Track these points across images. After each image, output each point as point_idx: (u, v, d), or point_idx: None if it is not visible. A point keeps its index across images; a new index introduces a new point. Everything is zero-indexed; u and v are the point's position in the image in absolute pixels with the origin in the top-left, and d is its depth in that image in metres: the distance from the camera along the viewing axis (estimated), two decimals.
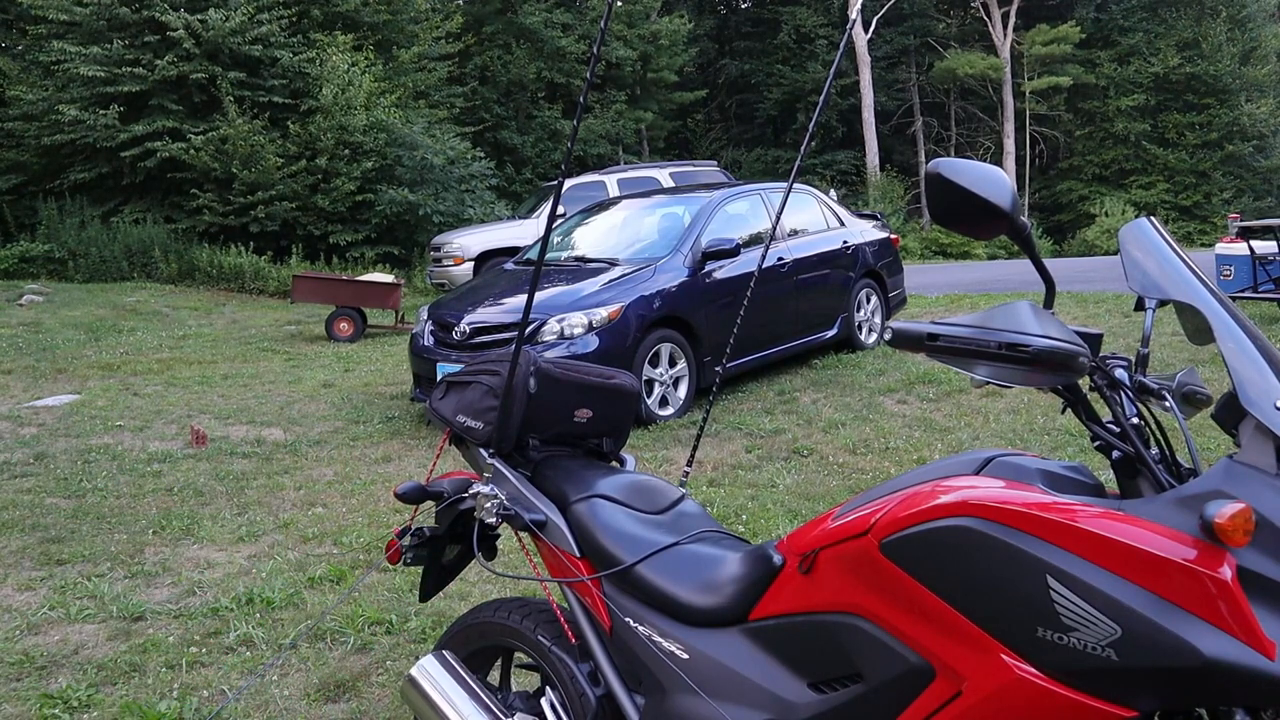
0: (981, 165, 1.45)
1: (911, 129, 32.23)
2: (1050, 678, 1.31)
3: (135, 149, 15.23)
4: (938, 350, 1.39)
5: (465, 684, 2.10)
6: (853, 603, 1.53)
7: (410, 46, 18.89)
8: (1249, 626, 1.20)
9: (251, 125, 15.40)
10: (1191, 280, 1.44)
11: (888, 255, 8.76)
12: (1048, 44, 28.91)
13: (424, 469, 5.57)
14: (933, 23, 32.24)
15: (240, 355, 9.88)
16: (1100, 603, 1.26)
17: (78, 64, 15.00)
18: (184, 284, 14.83)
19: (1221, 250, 9.16)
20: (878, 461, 5.36)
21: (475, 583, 3.83)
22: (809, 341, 7.70)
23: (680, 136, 31.89)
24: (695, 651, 1.78)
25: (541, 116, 24.64)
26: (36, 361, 9.21)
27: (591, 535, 1.97)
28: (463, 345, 6.40)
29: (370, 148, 15.99)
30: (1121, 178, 30.22)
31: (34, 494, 5.28)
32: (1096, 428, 1.46)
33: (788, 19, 31.03)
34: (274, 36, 15.99)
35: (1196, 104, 29.53)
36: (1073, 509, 1.32)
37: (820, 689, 1.62)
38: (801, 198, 8.25)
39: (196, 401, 7.62)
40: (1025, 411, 6.06)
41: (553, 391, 2.17)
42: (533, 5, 24.99)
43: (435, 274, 13.29)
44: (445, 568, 2.34)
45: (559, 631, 2.05)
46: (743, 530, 4.31)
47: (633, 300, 6.38)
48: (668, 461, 5.56)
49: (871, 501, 1.54)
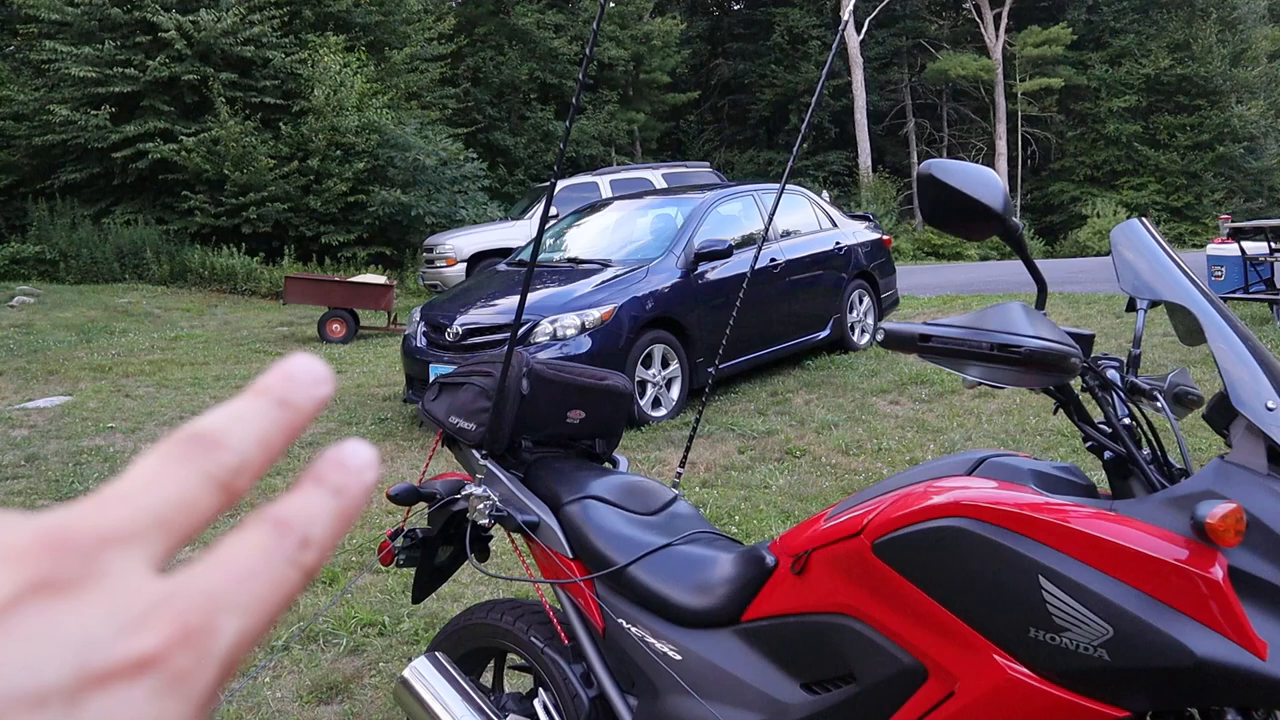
0: (973, 166, 1.45)
1: (904, 130, 32.30)
2: (1042, 678, 1.31)
3: (127, 150, 15.17)
4: (930, 351, 1.40)
5: (458, 685, 2.09)
6: (845, 603, 1.53)
7: (402, 47, 18.86)
8: (1240, 626, 1.20)
9: (243, 126, 15.36)
10: (1183, 281, 1.44)
11: (880, 256, 8.77)
12: (1039, 45, 28.99)
13: (417, 470, 5.56)
14: (925, 24, 32.31)
15: (232, 357, 9.85)
16: (1092, 603, 1.26)
17: (69, 64, 14.94)
18: (176, 285, 14.78)
19: (1213, 251, 9.18)
20: (870, 462, 5.36)
21: (468, 584, 3.82)
22: (802, 342, 7.71)
23: (673, 138, 31.91)
24: (688, 652, 1.78)
25: (534, 118, 24.63)
26: (28, 363, 9.18)
27: (584, 536, 1.97)
28: (455, 346, 6.39)
29: (362, 149, 15.95)
30: (1113, 179, 30.31)
31: (25, 496, 5.25)
32: (1088, 428, 1.46)
33: (780, 20, 31.06)
34: (266, 37, 15.94)
35: (1188, 105, 29.64)
36: (1065, 509, 1.32)
37: (813, 690, 1.62)
38: (794, 199, 8.26)
39: (189, 403, 7.60)
40: (1017, 412, 6.07)
41: (545, 393, 2.17)
42: (525, 6, 24.98)
43: (428, 275, 13.28)
44: (438, 569, 2.34)
45: (552, 633, 2.05)
46: (735, 531, 4.31)
47: (625, 301, 6.38)
48: (660, 462, 5.56)
49: (864, 502, 1.54)
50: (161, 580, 0.24)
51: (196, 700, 0.23)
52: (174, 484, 0.26)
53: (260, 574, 0.26)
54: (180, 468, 0.26)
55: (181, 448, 0.27)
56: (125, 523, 0.25)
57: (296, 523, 0.27)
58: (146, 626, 0.23)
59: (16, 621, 0.22)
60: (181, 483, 0.26)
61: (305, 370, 0.29)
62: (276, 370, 0.29)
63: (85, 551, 0.24)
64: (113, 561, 0.24)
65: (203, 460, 0.26)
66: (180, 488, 0.26)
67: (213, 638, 0.24)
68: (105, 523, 0.25)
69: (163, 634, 0.23)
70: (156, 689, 0.22)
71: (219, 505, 0.26)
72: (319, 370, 0.30)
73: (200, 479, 0.26)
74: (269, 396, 0.28)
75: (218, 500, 0.26)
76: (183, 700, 0.23)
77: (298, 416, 0.29)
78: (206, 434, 0.27)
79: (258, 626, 0.25)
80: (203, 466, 0.26)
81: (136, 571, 0.24)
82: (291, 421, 0.28)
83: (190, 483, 0.26)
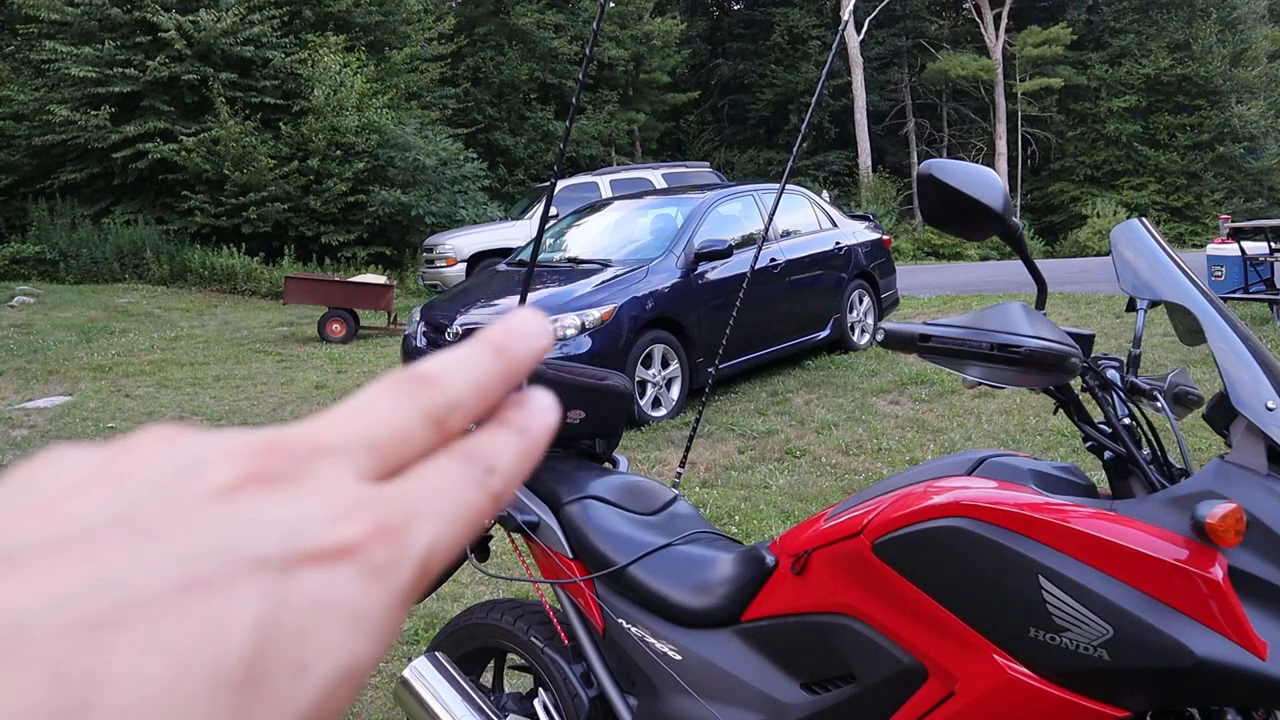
0: (973, 166, 1.45)
1: (904, 130, 32.29)
2: (1042, 678, 1.31)
3: (127, 150, 15.16)
4: (930, 351, 1.40)
5: (458, 685, 2.09)
6: (845, 603, 1.53)
7: (402, 47, 18.85)
8: (1240, 626, 1.20)
9: (243, 126, 15.35)
10: (1183, 281, 1.44)
11: (880, 256, 8.77)
12: (1039, 45, 28.99)
13: None
14: (925, 24, 32.30)
15: (232, 357, 9.85)
16: (1092, 603, 1.26)
17: (69, 64, 14.93)
18: (176, 285, 14.78)
19: (1213, 251, 9.18)
20: (870, 462, 5.36)
21: (468, 584, 3.82)
22: (802, 342, 7.70)
23: (673, 138, 31.90)
24: (688, 652, 1.78)
25: (534, 118, 24.62)
26: (28, 363, 9.17)
27: (584, 536, 1.97)
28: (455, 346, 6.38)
29: (362, 149, 15.95)
30: (1113, 179, 30.31)
31: None
32: (1088, 428, 1.46)
33: (780, 20, 31.06)
34: (266, 37, 15.94)
35: (1187, 105, 29.63)
36: (1065, 509, 1.32)
37: (813, 690, 1.62)
38: (794, 199, 8.26)
39: (189, 403, 7.60)
40: (1017, 412, 6.07)
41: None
42: (525, 6, 24.97)
43: (428, 275, 13.28)
44: None
45: (552, 633, 2.05)
46: (735, 531, 4.31)
47: (625, 301, 6.38)
48: (660, 462, 5.56)
49: (864, 502, 1.54)
50: (365, 486, 0.26)
51: (395, 594, 0.25)
52: (387, 412, 0.28)
53: (450, 491, 0.28)
54: (395, 400, 0.28)
55: (399, 384, 0.29)
56: (337, 438, 0.27)
57: (483, 453, 0.29)
58: (349, 520, 0.25)
59: (235, 502, 0.24)
60: (394, 411, 0.28)
61: (526, 324, 0.32)
62: (499, 324, 0.32)
63: (298, 455, 0.26)
64: (321, 466, 0.26)
65: (419, 396, 0.28)
66: (393, 415, 0.28)
67: (407, 539, 0.26)
68: (317, 436, 0.27)
69: (363, 528, 0.25)
70: (360, 574, 0.24)
71: (432, 439, 0.28)
72: (540, 324, 0.32)
73: (414, 411, 0.28)
74: (488, 345, 0.31)
75: (431, 434, 0.28)
76: (383, 591, 0.25)
77: (515, 364, 0.31)
78: (424, 374, 0.29)
79: (449, 537, 0.27)
80: (418, 401, 0.28)
81: (344, 477, 0.26)
82: (508, 368, 0.31)
83: (403, 412, 0.28)
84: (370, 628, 0.25)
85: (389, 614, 0.25)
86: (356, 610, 0.24)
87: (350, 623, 0.24)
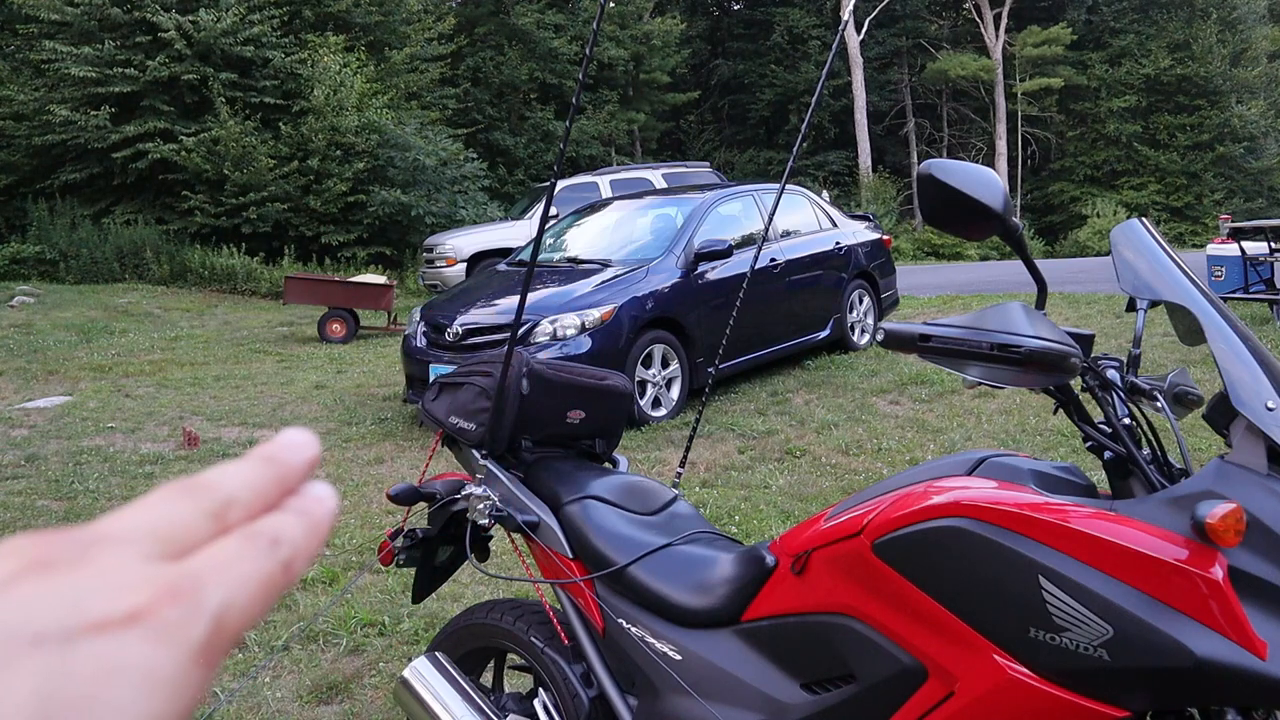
0: (973, 166, 1.45)
1: (904, 130, 32.30)
2: (1042, 678, 1.31)
3: (127, 150, 15.17)
4: (930, 351, 1.40)
5: (458, 685, 2.09)
6: (845, 603, 1.53)
7: (402, 47, 18.85)
8: (1240, 626, 1.20)
9: (243, 126, 15.35)
10: (1183, 281, 1.44)
11: (880, 256, 8.77)
12: (1039, 45, 29.00)
13: (417, 470, 5.56)
14: (925, 24, 32.31)
15: (232, 357, 9.85)
16: (1092, 603, 1.26)
17: (69, 64, 14.93)
18: (176, 285, 14.78)
19: (1213, 251, 9.18)
20: (870, 462, 5.36)
21: (468, 584, 3.82)
22: (802, 342, 7.70)
23: (673, 138, 31.93)
24: (688, 652, 1.78)
25: (534, 118, 24.63)
26: (28, 363, 9.18)
27: (584, 536, 1.97)
28: (455, 346, 6.39)
29: (362, 149, 15.95)
30: (1113, 179, 30.31)
31: (25, 496, 5.25)
32: (1088, 428, 1.46)
33: (780, 20, 31.07)
34: (265, 37, 15.94)
35: (1187, 105, 29.64)
36: (1065, 509, 1.32)
37: (813, 690, 1.62)
38: (794, 199, 8.26)
39: (188, 403, 7.60)
40: (1017, 412, 6.07)
41: (545, 393, 2.16)
42: (525, 6, 24.96)
43: (428, 275, 13.28)
44: (438, 569, 2.34)
45: (552, 633, 2.05)
46: (735, 531, 4.31)
47: (625, 301, 6.38)
48: (660, 462, 5.56)
49: (864, 502, 1.54)
50: (151, 564, 0.28)
51: (190, 650, 0.26)
52: (168, 509, 0.30)
53: (237, 561, 0.29)
54: (175, 501, 0.30)
55: (177, 489, 0.31)
56: (120, 528, 0.28)
57: (265, 530, 0.31)
58: (136, 589, 0.26)
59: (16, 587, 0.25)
60: (175, 507, 0.30)
61: (293, 439, 0.35)
62: (270, 440, 0.34)
63: (81, 543, 0.27)
64: (106, 550, 0.27)
65: (197, 495, 0.30)
66: (174, 511, 0.30)
67: (199, 598, 0.27)
68: (100, 528, 0.28)
69: (153, 592, 0.26)
70: (150, 635, 0.25)
71: (214, 529, 0.30)
72: (307, 439, 0.35)
73: (193, 508, 0.30)
74: (259, 457, 0.33)
75: (211, 525, 0.30)
76: (176, 648, 0.26)
77: (286, 469, 0.33)
78: (200, 480, 0.31)
79: (242, 598, 0.28)
80: (196, 500, 0.30)
81: (129, 557, 0.27)
82: (280, 474, 0.33)
83: (183, 508, 0.30)
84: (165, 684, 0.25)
85: (185, 671, 0.26)
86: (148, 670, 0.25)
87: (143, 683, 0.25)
